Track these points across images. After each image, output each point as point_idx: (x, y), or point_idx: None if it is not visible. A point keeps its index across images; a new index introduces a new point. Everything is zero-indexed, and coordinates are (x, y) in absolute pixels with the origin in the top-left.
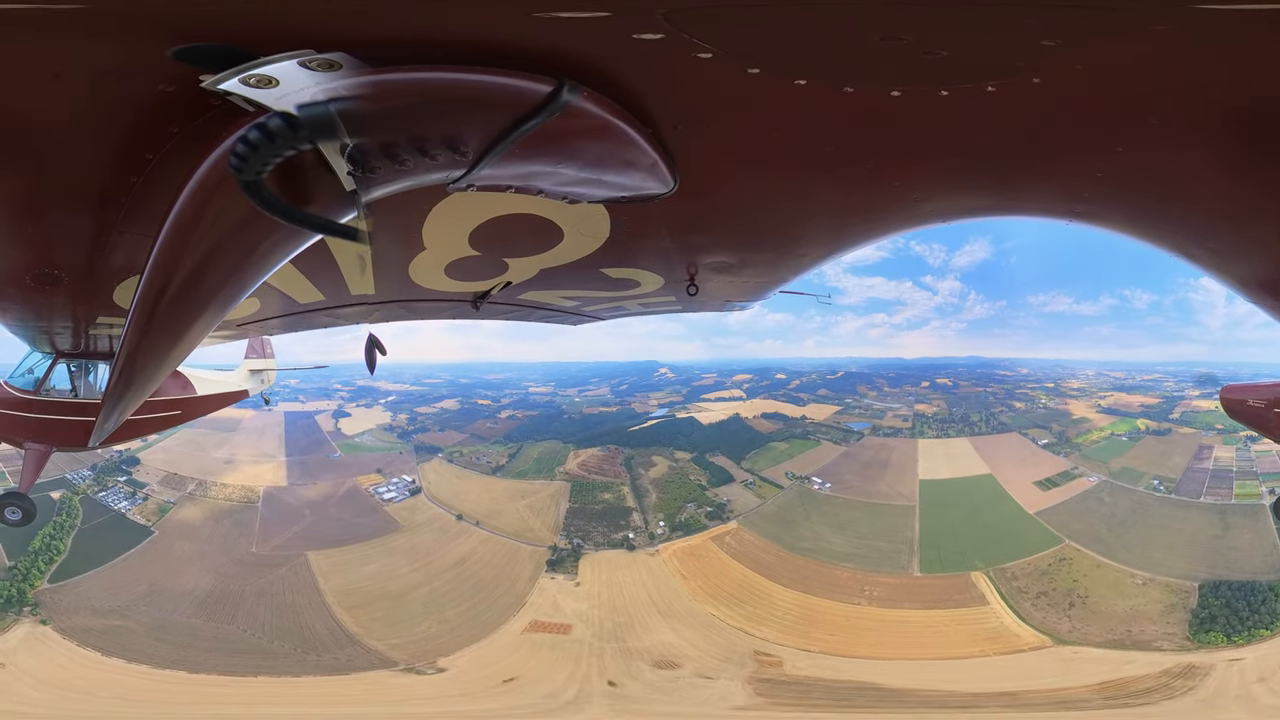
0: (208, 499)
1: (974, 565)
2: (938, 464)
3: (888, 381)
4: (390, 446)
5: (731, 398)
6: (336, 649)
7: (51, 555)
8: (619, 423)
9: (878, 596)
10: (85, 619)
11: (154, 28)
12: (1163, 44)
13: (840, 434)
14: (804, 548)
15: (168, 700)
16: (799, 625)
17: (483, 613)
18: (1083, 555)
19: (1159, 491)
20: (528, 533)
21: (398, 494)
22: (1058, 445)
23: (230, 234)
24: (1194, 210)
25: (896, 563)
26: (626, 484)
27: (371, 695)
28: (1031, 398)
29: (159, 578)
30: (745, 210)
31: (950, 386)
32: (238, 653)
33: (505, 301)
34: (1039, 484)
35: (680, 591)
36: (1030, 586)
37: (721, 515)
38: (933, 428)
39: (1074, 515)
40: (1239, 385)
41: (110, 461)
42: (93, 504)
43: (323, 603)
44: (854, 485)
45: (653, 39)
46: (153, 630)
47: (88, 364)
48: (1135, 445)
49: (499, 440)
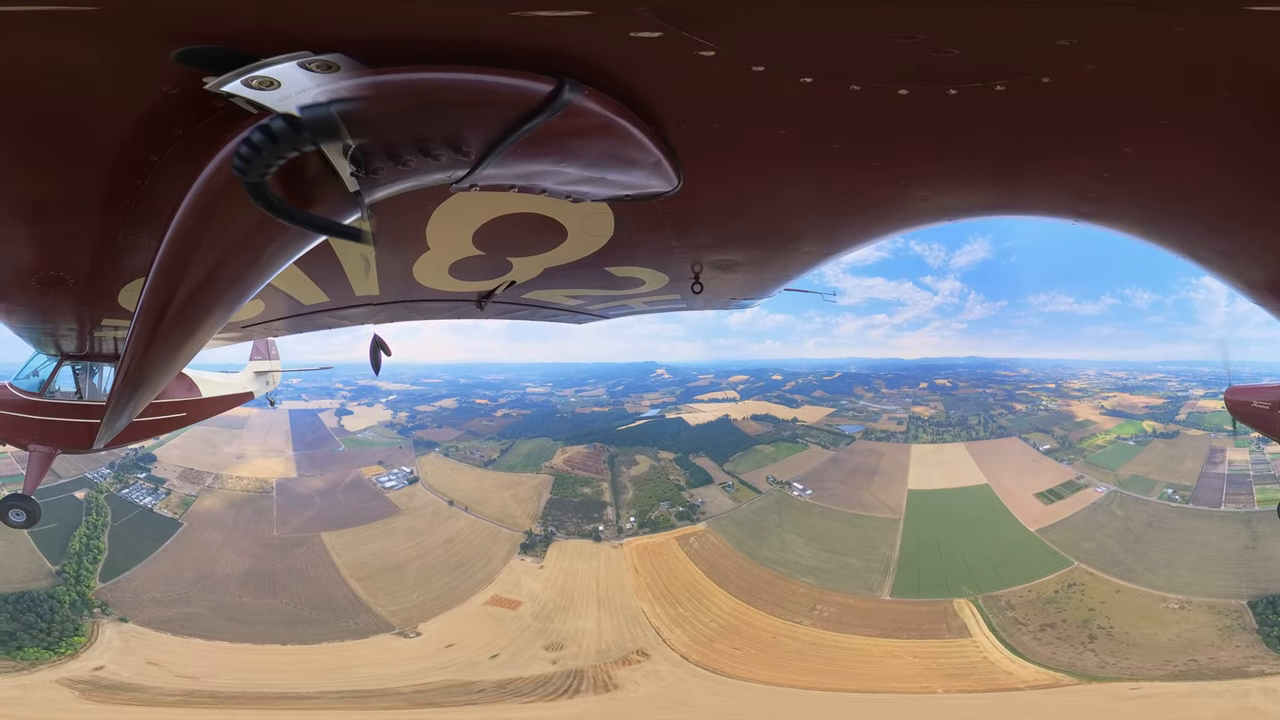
0: (225, 491)
1: (959, 591)
2: (930, 472)
3: (885, 383)
4: (391, 441)
5: (725, 399)
6: (355, 615)
7: (95, 555)
8: (609, 422)
9: (826, 617)
10: (155, 610)
11: (158, 30)
12: (1175, 45)
13: (830, 437)
14: (766, 556)
15: (268, 669)
16: (716, 635)
17: (460, 585)
18: (1096, 579)
19: (1174, 501)
20: (509, 519)
21: (397, 483)
22: (1061, 451)
23: (234, 236)
24: (1201, 212)
25: (865, 582)
26: (607, 480)
27: (381, 658)
28: (1032, 399)
29: (199, 564)
30: (750, 208)
31: (949, 388)
32: (291, 623)
33: (509, 301)
34: (1041, 496)
35: (626, 585)
36: (1031, 617)
37: (692, 516)
38: (928, 432)
39: (1082, 532)
40: (1243, 387)
41: (128, 460)
42: (118, 501)
43: (339, 576)
44: (837, 493)
45: (651, 37)
46: (217, 611)
47: (93, 366)
48: (1143, 450)
49: (493, 437)
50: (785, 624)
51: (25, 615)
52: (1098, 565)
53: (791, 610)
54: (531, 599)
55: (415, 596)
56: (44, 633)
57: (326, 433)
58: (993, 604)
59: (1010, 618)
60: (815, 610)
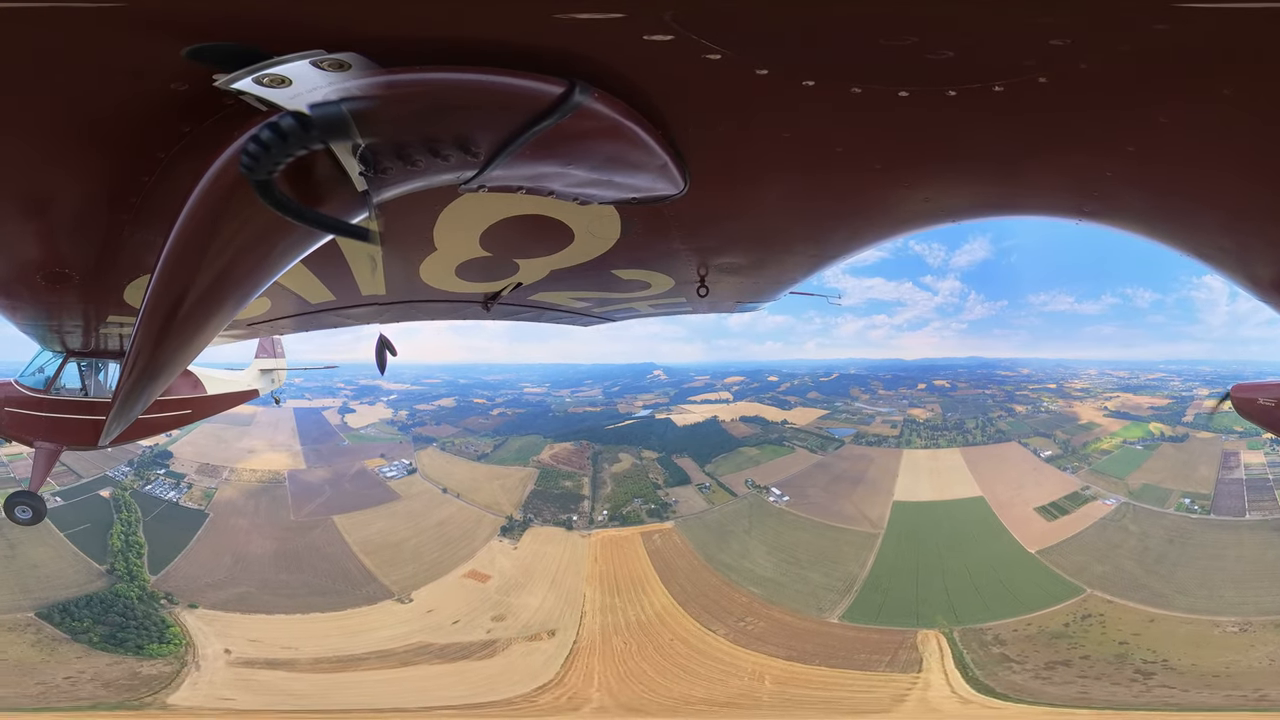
0: (241, 482)
1: (930, 621)
2: (920, 482)
3: (883, 384)
4: (392, 437)
5: (718, 400)
6: (366, 584)
7: (138, 550)
8: (599, 421)
9: (749, 631)
10: (214, 594)
11: (167, 26)
12: (1170, 42)
13: (819, 441)
14: (722, 561)
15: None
16: (626, 628)
17: (445, 560)
18: (1119, 608)
19: (1194, 512)
20: (494, 506)
21: (398, 473)
22: (1064, 458)
23: (241, 234)
24: (1208, 209)
25: (816, 602)
26: (588, 475)
27: (386, 620)
28: (1033, 400)
29: (234, 549)
30: (755, 211)
31: (947, 389)
32: (321, 594)
33: (516, 303)
34: (1043, 511)
35: (580, 571)
36: (1029, 654)
37: (662, 514)
38: (922, 436)
39: (1094, 553)
40: (1249, 384)
41: (145, 457)
42: (143, 498)
43: (351, 552)
44: (815, 502)
45: (663, 40)
46: (265, 588)
47: (98, 363)
48: (1152, 455)
49: (487, 433)
50: (699, 630)
51: (108, 616)
52: (1117, 591)
53: (718, 618)
54: (500, 575)
55: (410, 569)
56: (139, 630)
57: (331, 429)
58: (973, 638)
59: (996, 654)
60: (742, 623)
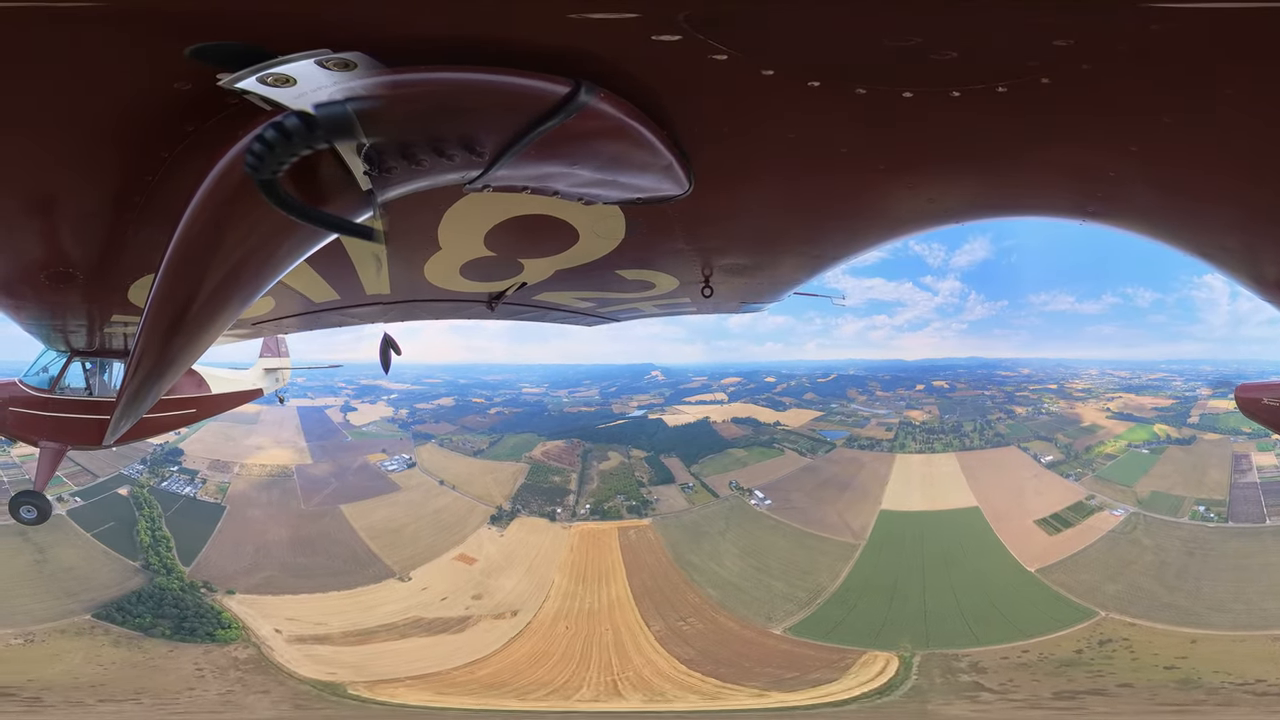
0: (251, 476)
1: (891, 644)
2: (910, 490)
3: (881, 385)
4: (393, 434)
5: (713, 401)
6: (371, 565)
7: (167, 544)
8: (592, 421)
9: (680, 631)
10: (244, 580)
11: (171, 25)
12: (1172, 42)
13: (810, 444)
14: (689, 561)
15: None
16: (576, 612)
17: (440, 544)
18: (1143, 631)
19: (1211, 521)
20: (486, 497)
21: (398, 467)
22: (1066, 463)
23: (246, 233)
24: (1212, 209)
25: (769, 611)
26: (576, 471)
27: (390, 597)
28: (1034, 401)
29: (254, 538)
30: (760, 212)
31: (946, 389)
32: (335, 574)
33: (520, 302)
34: (1044, 524)
35: (555, 559)
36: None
37: (642, 511)
38: (918, 439)
39: (1104, 571)
40: (1253, 384)
41: (158, 454)
42: (160, 494)
43: (358, 537)
44: (797, 507)
45: (670, 40)
46: (289, 572)
47: (103, 362)
48: (1159, 460)
49: (484, 431)
50: (634, 622)
51: (164, 609)
52: (1139, 612)
53: (661, 615)
54: (485, 558)
55: (409, 551)
56: (200, 619)
57: (334, 426)
58: (940, 664)
59: (964, 682)
60: (681, 622)
